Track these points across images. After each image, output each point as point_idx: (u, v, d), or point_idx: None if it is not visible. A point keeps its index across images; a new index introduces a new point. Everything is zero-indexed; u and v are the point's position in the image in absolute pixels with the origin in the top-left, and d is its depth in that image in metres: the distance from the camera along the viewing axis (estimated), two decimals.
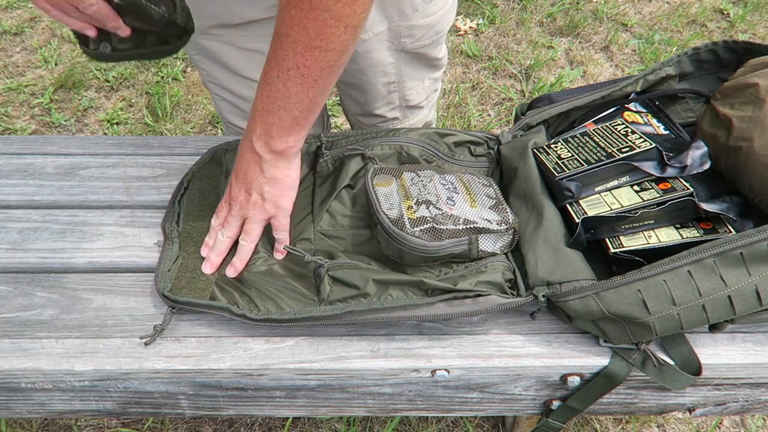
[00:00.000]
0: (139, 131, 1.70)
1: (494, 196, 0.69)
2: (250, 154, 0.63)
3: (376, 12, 0.81)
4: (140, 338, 0.62)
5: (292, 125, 0.60)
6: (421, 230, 0.63)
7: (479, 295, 0.61)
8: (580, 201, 0.67)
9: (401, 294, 0.62)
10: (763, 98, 0.62)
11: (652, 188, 0.64)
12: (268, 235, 0.70)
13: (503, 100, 1.82)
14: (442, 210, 0.65)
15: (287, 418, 1.11)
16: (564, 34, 2.06)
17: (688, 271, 0.55)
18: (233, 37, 0.80)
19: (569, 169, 0.67)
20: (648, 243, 0.62)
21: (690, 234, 0.62)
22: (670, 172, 0.64)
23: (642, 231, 0.64)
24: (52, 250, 0.71)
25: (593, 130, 0.73)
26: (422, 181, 0.69)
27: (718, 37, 2.09)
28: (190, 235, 0.70)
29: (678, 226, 0.63)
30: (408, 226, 0.63)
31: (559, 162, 0.69)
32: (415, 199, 0.66)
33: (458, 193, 0.68)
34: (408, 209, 0.65)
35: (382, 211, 0.65)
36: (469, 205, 0.66)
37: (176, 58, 1.90)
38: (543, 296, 0.61)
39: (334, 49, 0.54)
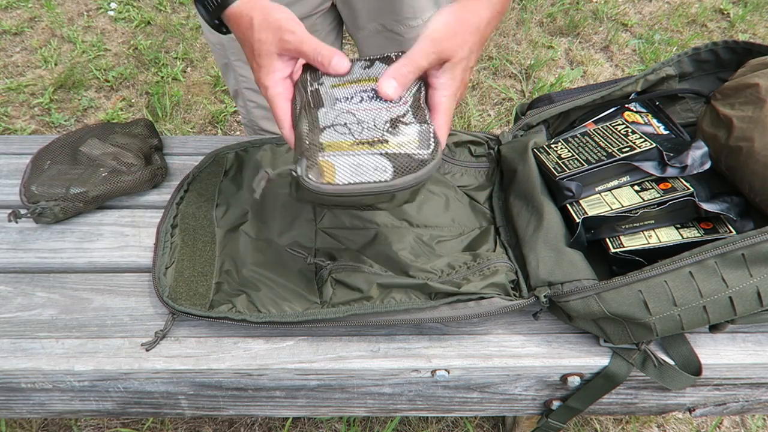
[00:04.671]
0: None
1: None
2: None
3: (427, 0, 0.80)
4: (141, 345, 0.62)
5: None
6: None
7: (482, 298, 0.61)
8: (581, 201, 0.67)
9: (404, 297, 0.62)
10: (763, 98, 0.62)
11: (653, 188, 0.64)
12: (258, 219, 0.70)
13: (503, 100, 1.82)
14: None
15: (287, 418, 1.11)
16: (564, 34, 2.06)
17: (690, 272, 0.55)
18: None
19: (569, 169, 0.67)
20: (648, 243, 0.62)
21: (690, 234, 0.62)
22: (670, 172, 0.64)
23: (642, 231, 0.64)
24: (52, 250, 0.71)
25: (593, 130, 0.73)
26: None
27: (718, 37, 2.09)
28: (186, 239, 0.70)
29: (678, 226, 0.63)
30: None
31: (560, 162, 0.69)
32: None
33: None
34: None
35: None
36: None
37: (176, 58, 1.90)
38: (545, 297, 0.61)
39: None
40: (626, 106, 0.77)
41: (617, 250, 0.63)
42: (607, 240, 0.64)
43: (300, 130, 0.53)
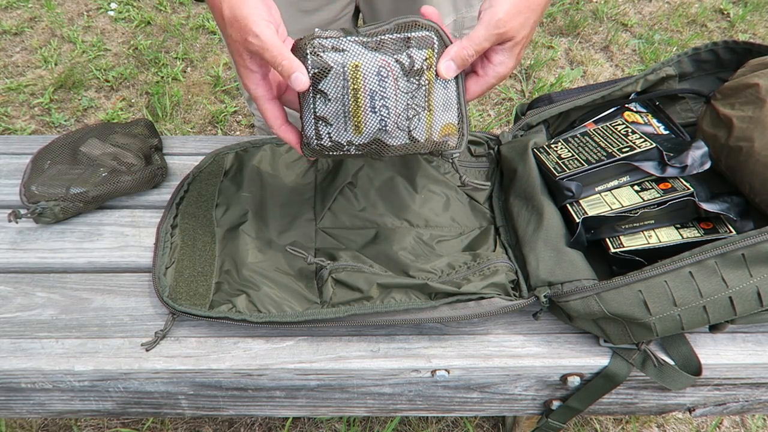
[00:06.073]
0: None
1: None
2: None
3: (446, 3, 0.80)
4: (141, 345, 0.62)
5: None
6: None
7: (482, 298, 0.61)
8: (581, 201, 0.67)
9: (405, 297, 0.62)
10: (763, 98, 0.62)
11: (653, 188, 0.64)
12: (258, 219, 0.70)
13: (503, 100, 1.82)
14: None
15: (287, 418, 1.11)
16: (564, 34, 2.06)
17: (690, 272, 0.55)
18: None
19: (569, 169, 0.67)
20: (648, 243, 0.62)
21: (690, 234, 0.62)
22: (670, 172, 0.64)
23: (642, 231, 0.64)
24: (52, 250, 0.71)
25: (593, 130, 0.73)
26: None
27: (718, 37, 2.09)
28: (186, 239, 0.70)
29: (678, 226, 0.63)
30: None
31: (560, 162, 0.69)
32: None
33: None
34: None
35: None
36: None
37: (176, 58, 1.90)
38: (545, 297, 0.61)
39: None
40: (626, 106, 0.77)
41: (617, 250, 0.63)
42: (607, 240, 0.64)
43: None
